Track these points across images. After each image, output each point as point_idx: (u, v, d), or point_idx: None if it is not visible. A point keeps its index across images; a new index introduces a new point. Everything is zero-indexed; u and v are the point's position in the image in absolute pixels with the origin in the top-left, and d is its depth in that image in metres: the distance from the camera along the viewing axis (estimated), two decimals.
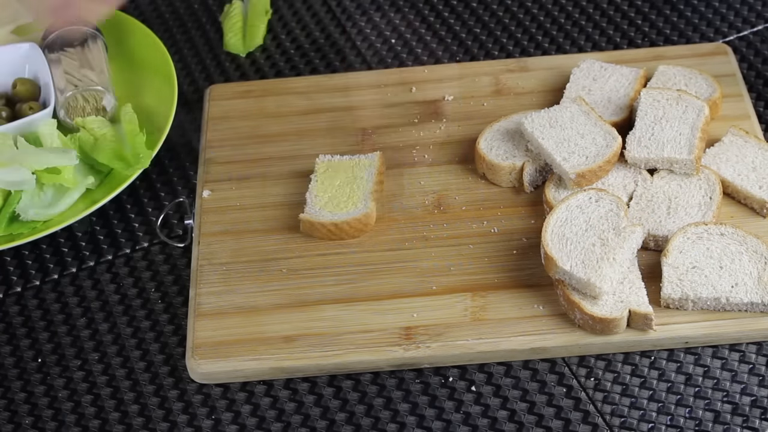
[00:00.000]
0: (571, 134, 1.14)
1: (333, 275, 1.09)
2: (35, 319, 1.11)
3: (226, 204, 1.16)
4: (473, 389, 1.03)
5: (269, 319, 1.06)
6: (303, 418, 1.02)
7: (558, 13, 1.38)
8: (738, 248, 1.05)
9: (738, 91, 1.22)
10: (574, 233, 1.05)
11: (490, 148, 1.16)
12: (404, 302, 1.06)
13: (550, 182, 1.13)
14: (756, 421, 0.99)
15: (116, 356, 1.08)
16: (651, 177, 1.13)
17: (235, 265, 1.11)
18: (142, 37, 1.32)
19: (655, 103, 1.15)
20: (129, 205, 1.20)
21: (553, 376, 1.03)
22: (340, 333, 1.04)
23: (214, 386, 1.05)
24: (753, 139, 1.15)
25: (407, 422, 1.01)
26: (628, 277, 1.04)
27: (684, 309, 1.03)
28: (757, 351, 1.03)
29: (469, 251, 1.10)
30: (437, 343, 1.03)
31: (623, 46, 1.33)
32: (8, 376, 1.07)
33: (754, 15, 1.35)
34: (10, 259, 1.16)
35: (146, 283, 1.13)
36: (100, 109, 1.24)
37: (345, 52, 1.35)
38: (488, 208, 1.14)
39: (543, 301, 1.05)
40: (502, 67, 1.27)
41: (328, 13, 1.41)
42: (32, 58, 1.27)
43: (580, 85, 1.21)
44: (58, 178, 1.14)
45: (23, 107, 1.23)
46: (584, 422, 0.99)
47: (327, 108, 1.22)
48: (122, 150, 1.19)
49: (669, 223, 1.09)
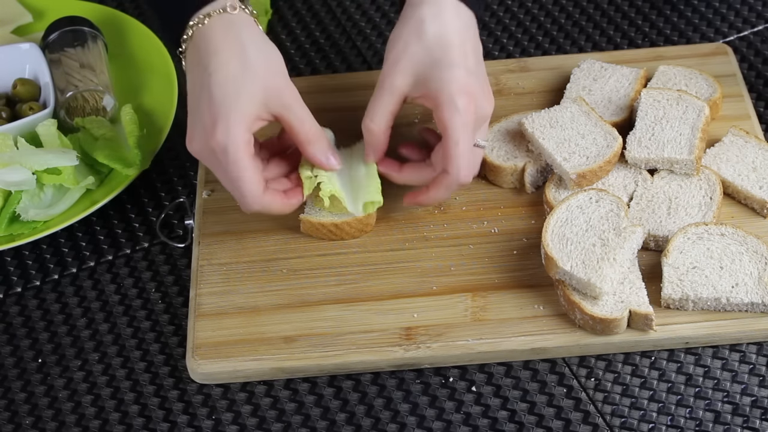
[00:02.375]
0: (572, 134, 1.14)
1: (333, 275, 1.09)
2: (35, 319, 1.11)
3: (226, 204, 1.16)
4: (474, 389, 1.03)
5: (269, 319, 1.06)
6: (303, 419, 1.02)
7: (558, 13, 1.38)
8: (738, 248, 1.05)
9: (738, 92, 1.22)
10: (574, 233, 1.05)
11: (491, 149, 1.16)
12: (405, 302, 1.06)
13: (551, 182, 1.13)
14: (756, 421, 0.99)
15: (116, 356, 1.08)
16: (651, 177, 1.13)
17: (236, 266, 1.11)
18: (142, 37, 1.32)
19: (656, 103, 1.15)
20: (129, 205, 1.20)
21: (554, 377, 1.03)
22: (341, 333, 1.04)
23: (215, 386, 1.05)
24: (753, 140, 1.15)
25: (407, 422, 1.01)
26: (629, 277, 1.04)
27: (684, 309, 1.03)
28: (758, 351, 1.03)
29: (470, 251, 1.10)
30: (438, 344, 1.03)
31: (623, 46, 1.33)
32: (8, 376, 1.07)
33: (755, 15, 1.35)
34: (11, 260, 1.16)
35: (146, 283, 1.13)
36: (100, 109, 1.24)
37: (345, 52, 1.35)
38: (488, 208, 1.14)
39: (543, 302, 1.05)
40: (502, 67, 1.27)
41: (329, 13, 1.41)
42: (32, 58, 1.27)
43: (581, 85, 1.21)
44: (58, 179, 1.14)
45: (23, 107, 1.23)
46: (584, 422, 0.99)
47: (327, 108, 1.22)
48: (122, 150, 1.19)
49: (669, 223, 1.09)
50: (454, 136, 1.02)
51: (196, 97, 1.03)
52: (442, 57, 1.03)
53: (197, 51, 1.03)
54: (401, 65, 1.04)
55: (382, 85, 1.05)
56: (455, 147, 1.03)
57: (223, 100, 1.01)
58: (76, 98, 1.23)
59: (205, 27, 1.03)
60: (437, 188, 1.06)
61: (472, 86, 1.03)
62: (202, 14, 1.03)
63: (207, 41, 1.03)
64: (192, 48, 1.04)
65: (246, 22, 1.04)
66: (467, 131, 1.03)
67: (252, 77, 1.02)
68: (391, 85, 1.05)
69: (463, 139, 1.03)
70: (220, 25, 1.03)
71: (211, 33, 1.03)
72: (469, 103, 1.02)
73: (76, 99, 1.23)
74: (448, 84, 1.02)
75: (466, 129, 1.03)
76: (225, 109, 1.00)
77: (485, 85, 1.06)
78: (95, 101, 1.24)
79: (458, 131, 1.02)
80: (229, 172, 1.02)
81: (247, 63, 1.02)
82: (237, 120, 1.00)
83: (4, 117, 1.22)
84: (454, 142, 1.02)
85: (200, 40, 1.03)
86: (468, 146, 1.03)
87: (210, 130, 1.01)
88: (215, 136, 1.01)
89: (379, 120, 1.06)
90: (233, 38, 1.02)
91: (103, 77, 1.26)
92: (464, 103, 1.02)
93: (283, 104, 1.03)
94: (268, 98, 1.02)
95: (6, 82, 1.26)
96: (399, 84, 1.05)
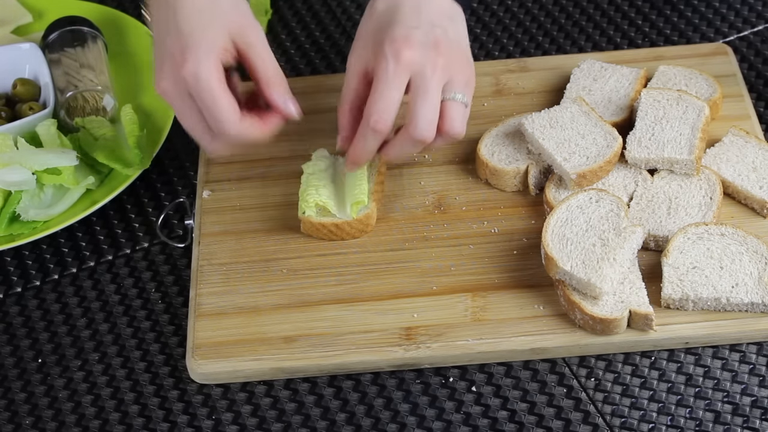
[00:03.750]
0: (572, 135, 1.14)
1: (333, 275, 1.09)
2: (35, 319, 1.11)
3: (226, 204, 1.16)
4: (474, 389, 1.03)
5: (269, 319, 1.06)
6: (303, 419, 1.02)
7: (558, 13, 1.38)
8: (738, 248, 1.05)
9: (738, 92, 1.22)
10: (574, 233, 1.05)
11: (491, 153, 1.16)
12: (405, 302, 1.06)
13: (551, 182, 1.13)
14: (756, 421, 0.99)
15: (116, 356, 1.08)
16: (651, 177, 1.13)
17: (236, 266, 1.11)
18: (142, 37, 1.32)
19: (656, 103, 1.15)
20: (129, 205, 1.20)
21: (554, 377, 1.03)
22: (341, 333, 1.04)
23: (215, 386, 1.05)
24: (753, 140, 1.15)
25: (408, 422, 1.01)
26: (629, 277, 1.04)
27: (684, 309, 1.04)
28: (758, 351, 1.03)
29: (470, 251, 1.10)
30: (438, 344, 1.03)
31: (623, 46, 1.33)
32: (8, 376, 1.07)
33: (755, 15, 1.35)
34: (11, 260, 1.16)
35: (146, 283, 1.13)
36: (100, 109, 1.24)
37: (345, 52, 1.35)
38: (488, 208, 1.14)
39: (543, 302, 1.05)
40: (502, 67, 1.27)
41: (329, 13, 1.41)
42: (32, 58, 1.27)
43: (581, 85, 1.21)
44: (58, 179, 1.14)
45: (23, 107, 1.23)
46: (585, 422, 0.99)
47: (327, 108, 1.22)
48: (122, 150, 1.19)
49: (669, 223, 1.09)
50: (378, 87, 1.01)
51: (162, 36, 1.03)
52: (388, 20, 1.03)
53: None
54: (355, 44, 1.05)
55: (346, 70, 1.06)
56: (379, 97, 1.01)
57: (192, 32, 1.01)
58: (76, 98, 1.23)
59: None
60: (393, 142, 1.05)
61: (413, 38, 1.01)
62: None
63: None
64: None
65: None
66: (397, 80, 1.00)
67: (219, 10, 1.02)
68: (349, 65, 1.06)
69: (389, 88, 1.00)
70: None
71: None
72: (402, 51, 1.00)
73: (76, 99, 1.23)
74: (388, 38, 1.01)
75: (396, 78, 1.00)
76: (194, 40, 1.00)
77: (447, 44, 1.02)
78: (95, 101, 1.24)
79: (382, 81, 1.01)
80: (204, 99, 1.01)
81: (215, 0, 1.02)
82: (207, 49, 1.00)
83: (4, 117, 1.22)
84: (379, 93, 1.01)
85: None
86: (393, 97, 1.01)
87: (180, 62, 1.00)
88: (186, 65, 1.00)
89: (343, 101, 1.06)
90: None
91: (103, 77, 1.26)
92: (394, 50, 1.00)
93: (246, 42, 1.03)
94: (234, 32, 1.02)
95: (6, 82, 1.26)
96: (353, 62, 1.05)
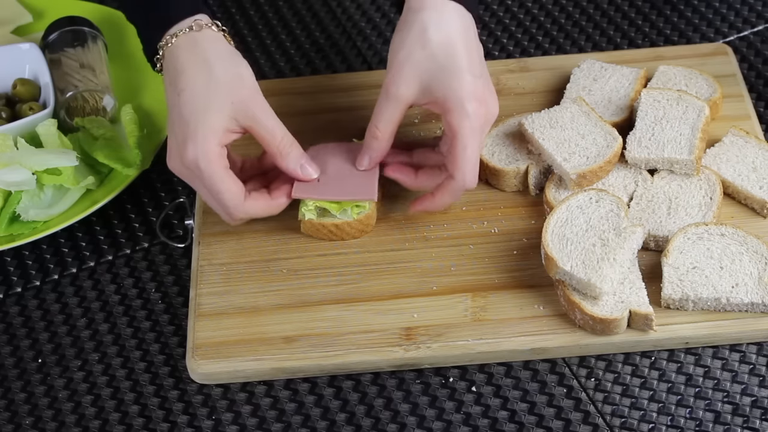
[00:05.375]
0: (572, 135, 1.14)
1: (333, 275, 1.09)
2: (35, 319, 1.11)
3: None
4: (474, 390, 1.03)
5: (270, 319, 1.06)
6: (303, 419, 1.02)
7: (558, 13, 1.38)
8: (738, 249, 1.05)
9: (738, 92, 1.22)
10: (574, 233, 1.05)
11: (491, 153, 1.16)
12: (405, 302, 1.06)
13: (551, 182, 1.13)
14: (756, 421, 0.99)
15: (116, 357, 1.08)
16: (651, 177, 1.13)
17: (236, 266, 1.11)
18: None
19: (656, 103, 1.15)
20: (129, 205, 1.20)
21: (554, 377, 1.03)
22: (341, 333, 1.04)
23: (215, 387, 1.05)
24: (753, 140, 1.15)
25: (408, 423, 1.01)
26: (629, 277, 1.04)
27: (684, 309, 1.03)
28: (758, 351, 1.03)
29: (470, 251, 1.10)
30: (438, 344, 1.03)
31: (623, 46, 1.33)
32: (8, 376, 1.07)
33: (755, 15, 1.35)
34: (11, 260, 1.16)
35: (146, 283, 1.13)
36: (100, 109, 1.24)
37: (345, 52, 1.35)
38: (489, 208, 1.14)
39: (543, 302, 1.05)
40: (502, 67, 1.27)
41: (329, 13, 1.41)
42: (32, 58, 1.27)
43: (581, 85, 1.21)
44: (58, 179, 1.14)
45: (23, 107, 1.23)
46: (585, 423, 0.99)
47: (328, 108, 1.22)
48: (122, 150, 1.19)
49: (669, 223, 1.09)
50: (463, 141, 1.03)
51: (172, 117, 1.05)
52: (447, 63, 1.03)
53: (167, 71, 1.06)
54: (406, 74, 1.04)
55: (387, 94, 1.05)
56: (463, 152, 1.03)
57: (191, 117, 1.02)
58: (76, 98, 1.23)
59: (173, 47, 1.05)
60: (443, 193, 1.07)
61: (480, 90, 1.04)
62: (170, 34, 1.05)
63: (175, 61, 1.04)
64: (164, 68, 1.06)
65: (211, 39, 1.05)
66: (476, 136, 1.04)
67: (217, 92, 1.03)
68: (396, 93, 1.05)
69: (472, 143, 1.03)
70: (186, 44, 1.04)
71: (178, 52, 1.04)
72: (478, 108, 1.03)
73: (76, 99, 1.23)
74: (457, 90, 1.03)
75: (474, 134, 1.03)
76: (193, 126, 1.02)
77: (491, 87, 1.06)
78: (95, 101, 1.24)
79: (467, 136, 1.03)
80: (207, 186, 1.04)
81: (213, 79, 1.03)
82: (205, 134, 1.02)
83: (4, 117, 1.22)
84: (463, 147, 1.03)
85: (169, 61, 1.05)
86: (476, 151, 1.04)
87: (182, 148, 1.03)
88: (186, 152, 1.02)
89: (384, 128, 1.07)
90: (199, 56, 1.04)
91: (103, 77, 1.26)
92: (474, 107, 1.03)
93: (251, 117, 1.04)
94: (236, 111, 1.03)
95: (6, 82, 1.26)
96: (404, 93, 1.05)
